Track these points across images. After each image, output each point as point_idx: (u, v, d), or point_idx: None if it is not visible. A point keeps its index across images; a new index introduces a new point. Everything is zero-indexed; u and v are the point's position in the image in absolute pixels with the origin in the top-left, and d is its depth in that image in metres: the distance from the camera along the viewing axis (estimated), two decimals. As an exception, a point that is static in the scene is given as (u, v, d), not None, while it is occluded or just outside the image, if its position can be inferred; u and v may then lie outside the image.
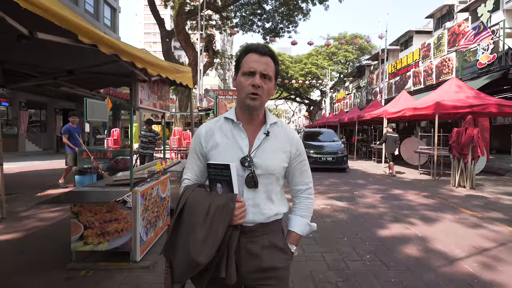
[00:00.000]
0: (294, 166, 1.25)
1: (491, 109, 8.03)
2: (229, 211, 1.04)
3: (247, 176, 1.12)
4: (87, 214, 3.00)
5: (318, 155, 10.41)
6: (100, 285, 2.72)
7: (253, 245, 1.13)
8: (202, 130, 1.23)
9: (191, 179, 1.25)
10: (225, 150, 1.15)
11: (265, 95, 1.15)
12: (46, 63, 2.73)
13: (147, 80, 2.95)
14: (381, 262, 3.20)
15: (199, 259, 0.99)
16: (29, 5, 1.27)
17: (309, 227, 1.29)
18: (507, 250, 3.53)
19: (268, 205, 1.17)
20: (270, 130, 1.19)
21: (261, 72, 1.12)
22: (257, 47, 1.16)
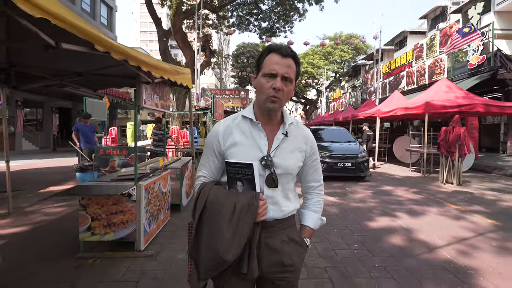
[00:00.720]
0: (308, 165, 1.29)
1: (479, 109, 8.34)
2: (254, 209, 1.06)
3: (267, 175, 1.15)
4: (95, 207, 3.23)
5: (333, 160, 8.03)
6: (107, 272, 2.94)
7: (273, 240, 1.17)
8: (220, 128, 1.23)
9: (207, 176, 1.26)
10: (244, 149, 1.16)
11: (285, 97, 1.15)
12: (56, 65, 2.94)
13: (150, 81, 3.18)
14: (367, 250, 3.47)
15: (227, 257, 1.03)
16: (57, 21, 1.49)
17: (321, 221, 1.36)
18: (484, 239, 3.81)
19: (286, 202, 1.22)
20: (288, 130, 1.21)
21: (282, 75, 1.12)
22: (280, 48, 1.15)
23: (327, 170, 7.90)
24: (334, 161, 8.03)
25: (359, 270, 2.99)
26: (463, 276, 2.87)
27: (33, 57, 2.70)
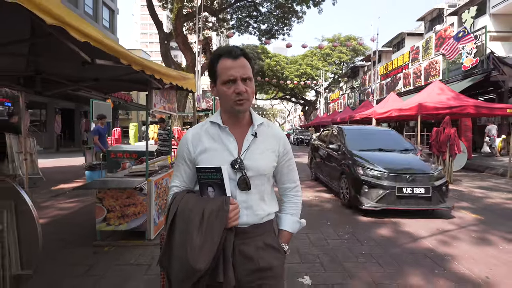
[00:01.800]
0: (282, 165, 1.26)
1: (469, 110, 8.70)
2: (223, 214, 1.03)
3: (239, 178, 1.12)
4: (110, 200, 3.57)
5: (395, 183, 4.80)
6: (121, 257, 3.29)
7: (247, 246, 1.13)
8: (189, 135, 1.22)
9: (179, 186, 1.23)
10: (214, 154, 1.14)
11: (250, 97, 1.15)
12: (77, 73, 3.29)
13: (161, 87, 3.53)
14: (357, 240, 3.81)
15: (197, 266, 0.98)
16: (96, 43, 1.84)
17: (299, 224, 1.31)
18: (465, 232, 4.16)
19: (261, 205, 1.18)
20: (257, 131, 1.19)
21: (241, 77, 1.10)
22: (229, 51, 1.13)
23: (386, 200, 4.68)
24: (397, 185, 4.72)
25: (348, 256, 3.34)
26: (440, 261, 3.22)
27: (57, 66, 3.05)
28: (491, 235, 4.01)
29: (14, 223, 2.13)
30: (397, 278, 2.86)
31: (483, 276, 2.89)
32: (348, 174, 5.32)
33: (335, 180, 6.01)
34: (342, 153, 5.85)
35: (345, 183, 5.43)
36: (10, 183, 2.11)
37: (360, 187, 4.89)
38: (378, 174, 4.88)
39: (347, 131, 6.51)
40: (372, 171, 4.96)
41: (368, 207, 4.74)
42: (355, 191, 5.02)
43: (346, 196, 5.34)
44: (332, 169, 6.31)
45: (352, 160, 5.36)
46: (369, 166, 5.04)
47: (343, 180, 5.54)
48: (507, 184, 7.75)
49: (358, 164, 5.17)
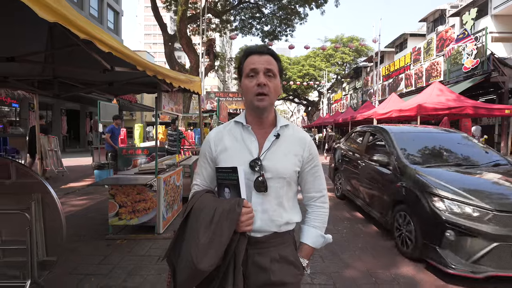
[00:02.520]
0: (306, 171, 1.19)
1: (468, 111, 8.87)
2: (234, 216, 0.98)
3: (256, 179, 1.07)
4: (122, 196, 3.81)
5: (509, 230, 2.67)
6: (133, 249, 3.53)
7: (262, 257, 1.08)
8: (212, 134, 1.21)
9: (200, 185, 1.23)
10: (234, 154, 1.12)
11: (272, 93, 1.11)
12: (93, 77, 3.54)
13: (170, 90, 3.77)
14: (354, 234, 4.03)
15: (201, 266, 0.94)
16: (117, 53, 2.07)
17: (323, 239, 1.21)
18: (458, 227, 4.34)
19: (279, 211, 1.11)
20: (280, 133, 1.15)
21: (264, 70, 1.10)
22: (255, 48, 1.15)
23: (495, 259, 2.70)
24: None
25: (345, 248, 3.55)
26: (432, 253, 3.41)
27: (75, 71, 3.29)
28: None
29: (41, 214, 2.38)
30: (390, 267, 3.07)
31: (470, 266, 3.08)
32: (413, 206, 3.32)
33: (382, 210, 4.00)
34: (396, 169, 3.83)
35: (405, 220, 3.41)
36: (38, 178, 2.35)
37: (441, 233, 2.87)
38: (477, 213, 2.80)
39: (396, 135, 4.38)
40: (463, 206, 2.87)
41: (460, 271, 2.69)
42: (428, 237, 3.04)
43: (407, 240, 3.33)
44: (376, 191, 4.26)
45: (420, 184, 3.31)
46: (456, 197, 2.95)
47: (401, 214, 3.52)
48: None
49: (433, 192, 3.09)
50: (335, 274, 2.93)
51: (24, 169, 2.36)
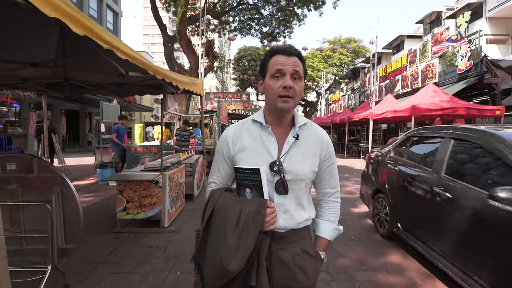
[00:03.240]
0: (323, 169, 1.21)
1: (460, 112, 9.16)
2: (260, 217, 1.01)
3: (277, 181, 1.09)
4: (129, 191, 4.05)
5: None
6: (141, 241, 3.76)
7: (284, 252, 1.11)
8: (230, 132, 1.20)
9: (217, 182, 1.23)
10: (253, 154, 1.12)
11: (297, 96, 1.12)
12: (103, 79, 3.77)
13: (175, 92, 4.01)
14: (347, 226, 4.28)
15: (230, 267, 0.97)
16: (132, 59, 2.31)
17: (337, 231, 1.27)
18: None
19: (299, 211, 1.14)
20: (299, 133, 1.16)
21: (291, 72, 1.09)
22: (283, 48, 1.13)
23: None
24: None
25: (338, 240, 3.80)
26: (419, 244, 3.67)
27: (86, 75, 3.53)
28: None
29: (60, 205, 2.61)
30: (380, 256, 3.33)
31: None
32: None
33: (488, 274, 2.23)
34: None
35: None
36: (58, 173, 2.58)
37: None
38: None
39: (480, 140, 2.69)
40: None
41: None
42: None
43: None
44: (496, 251, 2.18)
45: None
46: None
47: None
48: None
49: None
50: (328, 262, 3.18)
51: (45, 165, 2.59)
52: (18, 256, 2.63)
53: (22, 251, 2.63)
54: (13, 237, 2.60)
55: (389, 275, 2.92)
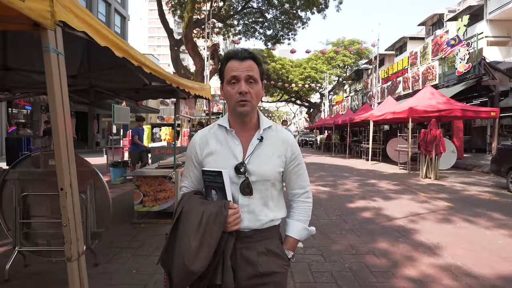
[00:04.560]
0: (290, 170, 1.24)
1: (456, 113, 9.52)
2: (222, 218, 1.04)
3: (241, 183, 1.12)
4: (145, 186, 4.52)
5: None
6: (157, 231, 4.22)
7: (249, 251, 1.13)
8: (197, 138, 1.24)
9: (188, 186, 1.27)
10: (219, 158, 1.15)
11: (254, 99, 1.14)
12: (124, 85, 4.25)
13: (186, 97, 4.48)
14: (342, 220, 4.70)
15: (192, 267, 1.00)
16: (155, 72, 2.78)
17: (307, 232, 1.28)
18: (433, 214, 5.02)
19: (264, 211, 1.17)
20: (263, 135, 1.19)
21: (245, 77, 1.12)
22: (235, 53, 1.15)
23: None
24: None
25: (333, 230, 4.23)
26: (405, 233, 4.10)
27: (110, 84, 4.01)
28: (453, 217, 4.87)
29: (93, 195, 3.08)
30: (369, 243, 3.75)
31: (435, 242, 3.77)
32: None
33: None
34: None
35: None
36: (92, 167, 3.05)
37: None
38: None
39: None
40: None
41: None
42: None
43: None
44: None
45: None
46: None
47: None
48: (488, 180, 8.55)
49: None
50: (323, 247, 3.61)
51: (81, 160, 3.06)
52: (57, 239, 3.10)
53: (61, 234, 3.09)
54: (52, 223, 3.07)
55: (375, 258, 3.34)
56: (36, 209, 3.06)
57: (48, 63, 1.41)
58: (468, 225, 4.50)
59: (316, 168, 11.30)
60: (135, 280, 2.83)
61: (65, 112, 1.51)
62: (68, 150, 1.52)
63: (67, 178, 1.51)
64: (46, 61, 1.41)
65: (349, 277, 2.90)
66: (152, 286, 2.72)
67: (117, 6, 28.21)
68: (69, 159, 1.53)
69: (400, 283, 2.78)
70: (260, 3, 22.14)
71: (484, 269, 3.06)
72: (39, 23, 1.35)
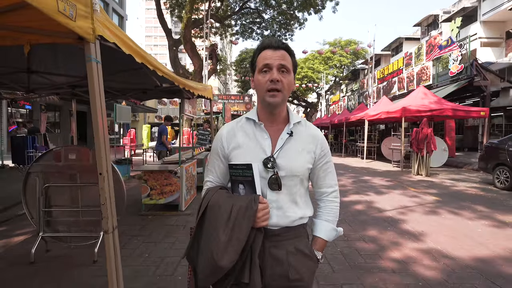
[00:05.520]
0: (319, 168, 1.20)
1: (447, 113, 9.90)
2: (251, 212, 1.01)
3: (270, 177, 1.09)
4: (152, 181, 4.83)
5: None
6: (163, 222, 4.53)
7: (278, 250, 1.10)
8: (224, 131, 1.21)
9: (213, 181, 1.23)
10: (247, 151, 1.13)
11: (286, 89, 1.11)
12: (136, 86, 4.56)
13: (191, 97, 4.79)
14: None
15: (221, 263, 0.97)
16: (166, 75, 3.09)
17: (336, 232, 1.24)
18: (421, 207, 5.37)
19: (293, 208, 1.13)
20: (293, 130, 1.16)
21: (278, 66, 1.09)
22: (270, 42, 1.13)
23: None
24: None
25: (328, 221, 4.56)
26: (394, 222, 4.45)
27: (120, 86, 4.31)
28: (440, 209, 5.23)
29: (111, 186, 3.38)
30: (360, 231, 4.09)
31: (420, 230, 4.12)
32: None
33: None
34: None
35: None
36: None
37: None
38: None
39: None
40: None
41: None
42: None
43: None
44: None
45: None
46: None
47: None
48: (476, 177, 8.94)
49: None
50: (318, 235, 3.94)
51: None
52: (77, 227, 3.41)
53: (79, 222, 3.40)
54: (72, 211, 3.38)
55: (365, 243, 3.68)
56: (57, 199, 3.37)
57: (90, 70, 1.72)
58: (453, 217, 4.85)
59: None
60: (148, 262, 3.15)
61: (102, 111, 1.82)
62: (105, 143, 1.83)
63: (105, 166, 1.82)
64: (89, 68, 1.72)
65: (340, 258, 3.24)
66: (164, 267, 3.04)
67: (115, 5, 28.41)
68: (106, 151, 1.84)
69: (385, 263, 3.12)
70: (257, 4, 22.43)
71: (461, 253, 3.41)
72: (84, 38, 1.66)
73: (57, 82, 3.68)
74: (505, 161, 7.06)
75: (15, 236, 3.91)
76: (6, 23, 1.69)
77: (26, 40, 1.76)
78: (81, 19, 1.60)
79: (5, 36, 1.83)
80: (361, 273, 2.93)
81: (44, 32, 1.71)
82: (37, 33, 1.72)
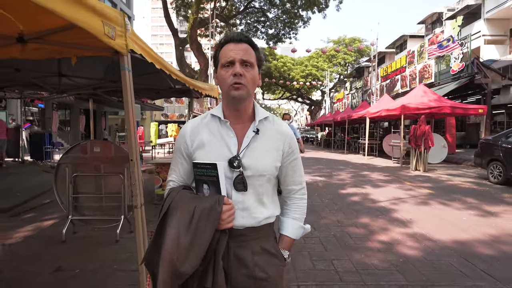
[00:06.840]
0: (286, 165, 1.16)
1: (446, 110, 10.21)
2: (215, 214, 0.96)
3: (235, 178, 1.04)
4: (164, 173, 5.28)
5: None
6: (174, 210, 4.99)
7: (243, 250, 1.06)
8: (188, 128, 1.15)
9: (176, 181, 1.18)
10: (212, 150, 1.07)
11: (249, 83, 1.06)
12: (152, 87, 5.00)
13: (199, 97, 5.22)
14: (333, 202, 5.45)
15: (183, 268, 0.92)
16: (179, 78, 3.52)
17: (303, 230, 1.21)
18: (414, 199, 5.75)
19: (259, 208, 1.09)
20: (259, 127, 1.10)
21: (240, 60, 1.04)
22: (232, 36, 1.09)
23: None
24: None
25: (324, 210, 4.98)
26: (385, 212, 4.84)
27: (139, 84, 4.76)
28: (431, 201, 5.60)
29: (129, 175, 3.83)
30: (353, 219, 4.50)
31: (408, 218, 4.52)
32: None
33: None
34: None
35: None
36: (127, 152, 3.81)
37: None
38: None
39: None
40: None
41: None
42: None
43: None
44: None
45: None
46: None
47: None
48: (473, 173, 9.26)
49: None
50: (314, 222, 4.35)
51: (118, 148, 3.82)
52: (100, 211, 3.87)
53: (103, 207, 3.87)
54: (96, 197, 3.84)
55: (356, 228, 4.09)
56: (83, 187, 3.83)
57: (124, 77, 2.16)
58: (442, 207, 5.23)
59: (314, 162, 12.08)
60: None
61: (133, 110, 2.25)
62: (134, 137, 2.26)
63: (135, 153, 2.26)
64: (123, 76, 2.15)
65: (333, 240, 3.66)
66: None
67: (123, 6, 28.96)
68: (135, 143, 2.27)
69: (373, 244, 3.53)
70: (262, 3, 22.78)
71: (443, 236, 3.80)
72: (120, 52, 2.09)
73: (81, 83, 4.14)
74: (498, 156, 7.38)
75: (45, 220, 4.40)
76: (58, 40, 2.12)
77: (73, 53, 2.19)
78: (118, 38, 2.03)
79: (54, 50, 2.27)
80: (350, 251, 3.34)
81: (88, 47, 2.14)
82: (82, 48, 2.15)
